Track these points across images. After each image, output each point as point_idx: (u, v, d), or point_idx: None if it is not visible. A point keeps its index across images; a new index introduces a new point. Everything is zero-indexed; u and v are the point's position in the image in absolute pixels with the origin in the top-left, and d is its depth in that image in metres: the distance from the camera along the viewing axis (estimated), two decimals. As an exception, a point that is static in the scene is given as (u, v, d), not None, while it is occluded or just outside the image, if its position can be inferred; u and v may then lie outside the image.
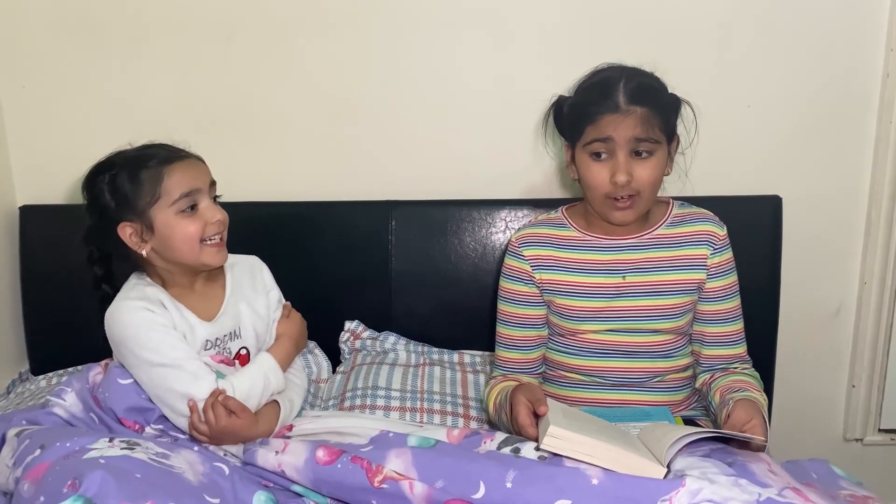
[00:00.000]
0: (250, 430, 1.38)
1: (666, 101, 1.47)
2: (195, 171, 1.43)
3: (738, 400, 1.37)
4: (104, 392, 1.38)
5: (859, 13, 1.78)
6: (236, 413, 1.35)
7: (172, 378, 1.35)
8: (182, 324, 1.42)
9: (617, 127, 1.41)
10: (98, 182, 1.41)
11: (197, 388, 1.35)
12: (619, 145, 1.42)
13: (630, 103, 1.41)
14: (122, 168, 1.40)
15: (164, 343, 1.37)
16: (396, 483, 1.18)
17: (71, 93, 1.87)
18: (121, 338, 1.39)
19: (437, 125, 1.88)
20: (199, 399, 1.34)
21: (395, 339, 1.86)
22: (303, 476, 1.26)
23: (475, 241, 1.85)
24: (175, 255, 1.42)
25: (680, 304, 1.53)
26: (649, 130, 1.42)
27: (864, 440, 2.03)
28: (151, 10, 1.82)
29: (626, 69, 1.47)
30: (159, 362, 1.36)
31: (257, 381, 1.40)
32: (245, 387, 1.38)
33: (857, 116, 1.85)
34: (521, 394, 1.35)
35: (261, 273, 1.59)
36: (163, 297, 1.44)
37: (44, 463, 1.15)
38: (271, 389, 1.42)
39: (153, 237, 1.40)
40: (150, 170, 1.39)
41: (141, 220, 1.40)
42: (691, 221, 1.55)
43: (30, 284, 1.89)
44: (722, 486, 1.09)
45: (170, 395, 1.35)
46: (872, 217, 1.89)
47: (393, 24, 1.82)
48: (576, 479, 1.12)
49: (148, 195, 1.38)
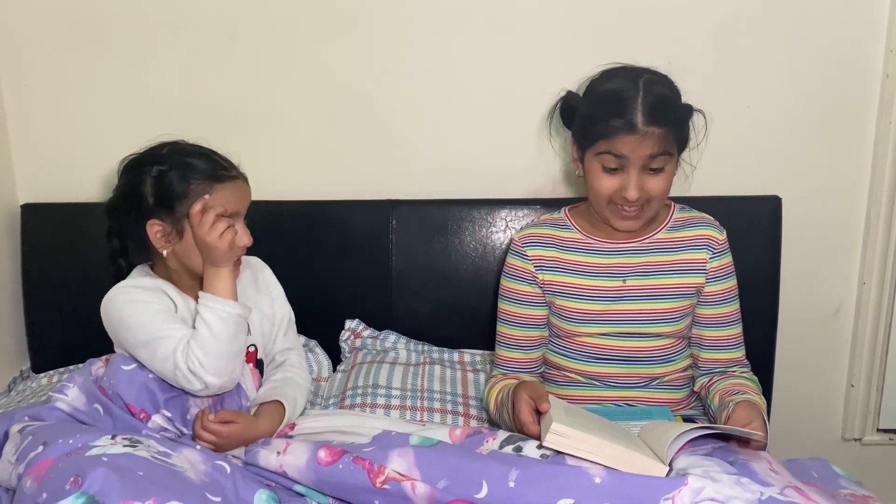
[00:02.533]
0: (251, 430, 1.38)
1: (681, 114, 1.46)
2: (241, 194, 1.43)
3: (739, 402, 1.38)
4: (109, 380, 1.37)
5: (859, 14, 1.79)
6: (232, 420, 1.36)
7: (163, 348, 1.34)
8: (183, 304, 1.42)
9: (634, 148, 1.39)
10: (144, 171, 1.39)
11: (165, 373, 1.34)
12: (632, 163, 1.41)
13: (648, 124, 1.38)
14: (173, 167, 1.38)
15: (155, 318, 1.36)
16: (398, 484, 1.18)
17: (73, 91, 1.87)
18: (115, 320, 1.39)
19: (438, 124, 1.88)
20: (174, 351, 1.32)
21: (396, 337, 1.87)
22: (305, 476, 1.26)
23: (475, 241, 1.85)
24: (193, 265, 1.42)
25: (679, 307, 1.53)
26: (665, 146, 1.41)
27: (862, 440, 2.04)
28: (154, 9, 1.82)
29: (640, 75, 1.43)
30: (151, 338, 1.35)
31: (216, 325, 1.34)
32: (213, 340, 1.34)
33: (856, 117, 1.85)
34: (522, 391, 1.35)
35: (263, 273, 1.60)
36: (166, 288, 1.43)
37: (47, 460, 1.15)
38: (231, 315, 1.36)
39: (179, 243, 1.40)
40: (201, 181, 1.38)
41: (173, 224, 1.38)
42: (691, 226, 1.56)
43: (31, 282, 1.88)
44: (724, 485, 1.09)
45: (167, 364, 1.33)
46: (872, 217, 1.89)
47: (394, 23, 1.82)
48: (579, 478, 1.12)
49: (189, 206, 1.37)
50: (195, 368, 1.32)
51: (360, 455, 1.23)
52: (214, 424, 1.34)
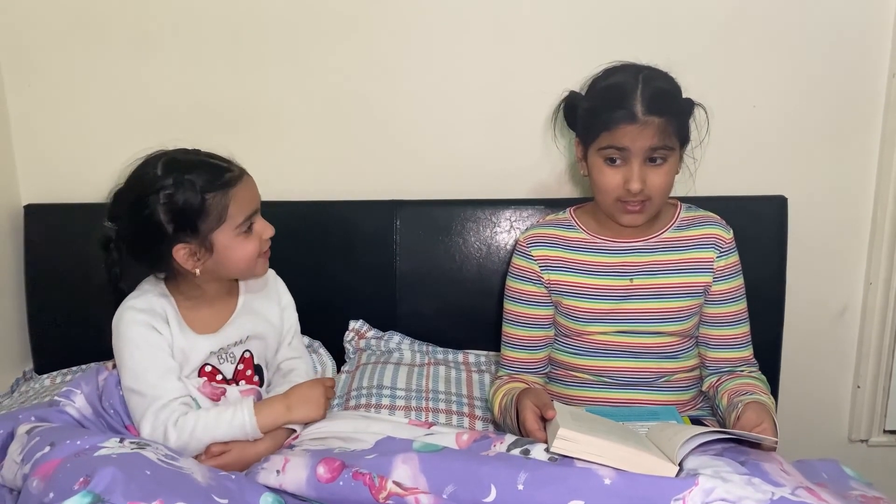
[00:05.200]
0: (249, 451, 1.36)
1: (681, 107, 1.47)
2: (254, 191, 1.41)
3: (748, 403, 1.37)
4: (108, 399, 1.39)
5: (865, 13, 1.78)
6: (223, 450, 1.35)
7: (134, 403, 1.35)
8: (181, 340, 1.40)
9: (635, 138, 1.41)
10: (150, 201, 1.32)
11: (143, 425, 1.33)
12: (634, 154, 1.42)
13: (648, 113, 1.40)
14: (178, 187, 1.32)
15: (150, 371, 1.36)
16: (402, 499, 1.16)
17: (76, 92, 1.87)
18: (117, 348, 1.39)
19: (442, 124, 1.87)
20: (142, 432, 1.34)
21: (400, 338, 1.86)
22: (305, 494, 1.23)
23: (480, 241, 1.84)
24: (229, 272, 1.41)
25: (686, 306, 1.53)
26: (665, 139, 1.42)
27: (869, 441, 2.03)
28: (157, 9, 1.81)
29: (641, 70, 1.45)
30: (140, 389, 1.35)
31: (221, 429, 1.36)
32: (207, 431, 1.35)
33: (862, 117, 1.85)
34: (527, 398, 1.35)
35: (275, 284, 1.58)
36: (169, 311, 1.41)
37: (54, 460, 1.14)
38: (233, 437, 1.37)
39: (210, 257, 1.37)
40: (216, 193, 1.34)
41: (200, 242, 1.35)
42: (698, 225, 1.55)
43: (34, 283, 1.88)
44: (735, 485, 1.08)
45: (146, 419, 1.34)
46: (878, 218, 1.89)
47: (397, 22, 1.82)
48: (588, 480, 1.12)
49: (214, 221, 1.34)
50: (179, 435, 1.32)
51: (360, 468, 1.20)
52: (209, 461, 1.33)
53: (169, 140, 1.42)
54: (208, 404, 1.39)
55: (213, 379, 1.44)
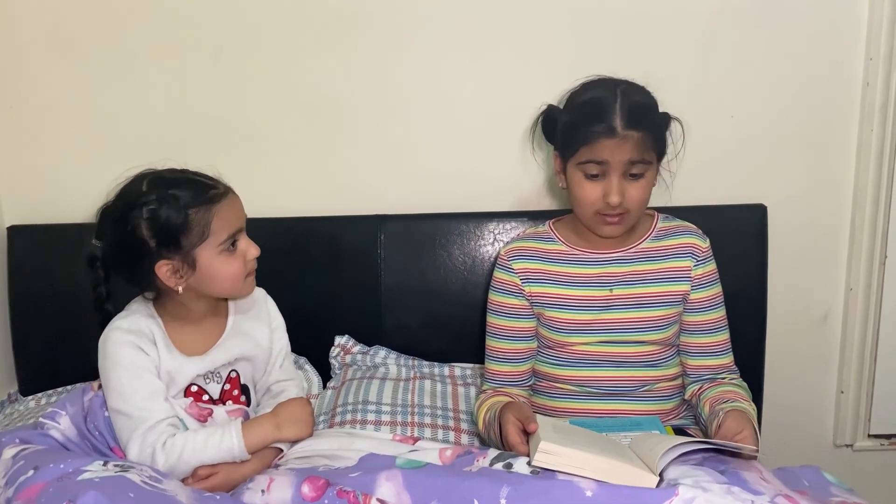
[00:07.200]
0: (236, 473, 1.36)
1: (659, 121, 1.50)
2: (238, 209, 1.40)
3: (729, 411, 1.38)
4: (92, 421, 1.38)
5: (839, 23, 1.81)
6: (210, 473, 1.34)
7: (121, 425, 1.35)
8: (168, 362, 1.39)
9: (614, 152, 1.43)
10: (133, 216, 1.32)
11: (130, 447, 1.33)
12: (613, 168, 1.44)
13: (627, 128, 1.42)
14: (162, 202, 1.32)
15: (136, 393, 1.35)
16: None
17: (59, 112, 1.87)
18: (103, 369, 1.38)
19: (425, 139, 1.88)
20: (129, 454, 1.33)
21: (386, 353, 1.86)
22: None
23: (464, 254, 1.85)
24: (213, 290, 1.40)
25: (666, 315, 1.54)
26: (644, 152, 1.44)
27: (854, 446, 2.04)
28: (138, 29, 1.82)
29: (619, 85, 1.47)
30: (124, 410, 1.35)
31: (209, 451, 1.35)
32: (195, 454, 1.34)
33: (838, 125, 1.87)
34: (509, 412, 1.36)
35: (266, 304, 1.56)
36: (157, 332, 1.40)
37: (37, 483, 1.14)
38: (221, 459, 1.37)
39: (193, 275, 1.36)
40: (199, 209, 1.33)
41: (183, 258, 1.34)
42: (675, 234, 1.57)
43: (18, 304, 1.87)
44: (715, 495, 1.09)
45: (134, 441, 1.33)
46: (857, 223, 1.90)
47: (379, 39, 1.83)
48: (570, 492, 1.12)
49: (196, 236, 1.33)
50: (167, 458, 1.31)
51: (344, 486, 1.20)
52: (197, 484, 1.32)
53: (157, 160, 1.42)
54: (195, 425, 1.39)
55: (199, 399, 1.43)
